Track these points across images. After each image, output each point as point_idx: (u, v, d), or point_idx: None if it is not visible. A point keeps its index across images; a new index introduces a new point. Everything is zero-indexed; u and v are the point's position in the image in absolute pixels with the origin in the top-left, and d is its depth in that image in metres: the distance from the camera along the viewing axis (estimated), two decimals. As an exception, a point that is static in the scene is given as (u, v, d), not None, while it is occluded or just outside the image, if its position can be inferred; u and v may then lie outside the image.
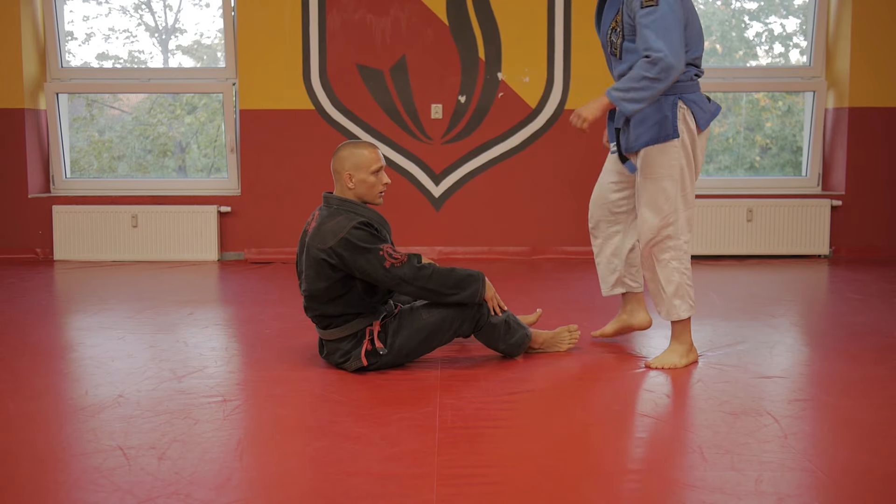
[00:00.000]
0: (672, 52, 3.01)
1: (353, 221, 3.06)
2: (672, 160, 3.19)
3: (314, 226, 3.14)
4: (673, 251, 3.24)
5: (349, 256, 3.02)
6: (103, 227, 6.15)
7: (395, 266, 3.02)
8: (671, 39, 3.02)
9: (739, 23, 6.78)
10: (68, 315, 4.45)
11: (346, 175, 3.14)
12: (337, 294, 3.10)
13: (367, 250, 3.01)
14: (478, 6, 6.09)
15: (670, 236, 3.24)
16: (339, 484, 2.17)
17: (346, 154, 3.16)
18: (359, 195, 3.16)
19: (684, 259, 3.27)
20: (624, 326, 3.66)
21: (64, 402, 2.87)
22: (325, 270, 3.07)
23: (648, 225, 3.24)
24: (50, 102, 6.26)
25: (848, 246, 6.25)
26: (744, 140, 6.80)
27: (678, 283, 3.26)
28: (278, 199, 6.18)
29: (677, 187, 3.21)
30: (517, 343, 3.32)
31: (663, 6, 3.04)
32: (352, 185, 3.14)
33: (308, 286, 3.14)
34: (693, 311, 3.29)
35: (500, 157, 6.19)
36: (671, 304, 3.27)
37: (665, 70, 3.01)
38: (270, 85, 6.13)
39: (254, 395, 2.97)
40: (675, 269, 3.25)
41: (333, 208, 3.15)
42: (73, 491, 2.14)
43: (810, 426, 2.63)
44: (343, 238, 3.02)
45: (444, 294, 3.08)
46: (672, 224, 3.22)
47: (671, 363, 3.27)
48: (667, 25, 3.02)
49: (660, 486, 2.17)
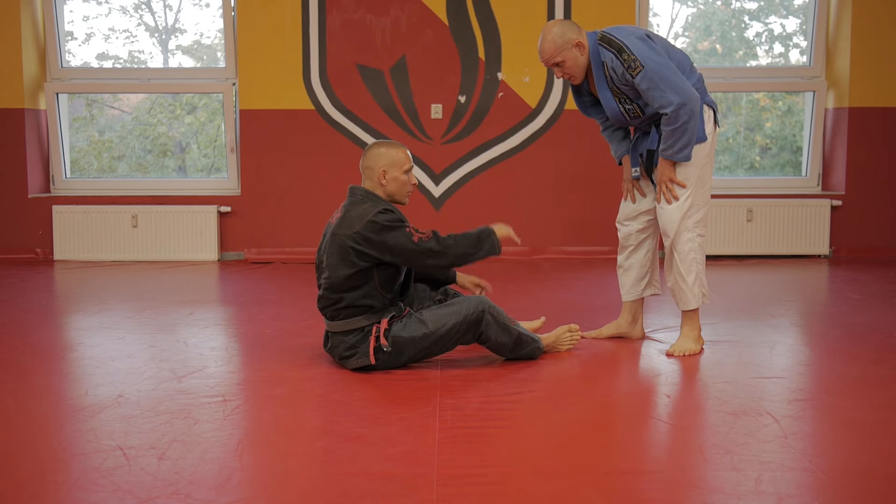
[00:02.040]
0: (680, 95, 3.24)
1: (378, 207, 3.15)
2: (696, 159, 3.39)
3: (339, 215, 3.21)
4: (691, 243, 3.44)
5: (377, 238, 3.09)
6: (103, 227, 6.15)
7: (423, 240, 3.12)
8: (673, 84, 3.23)
9: (739, 23, 6.78)
10: (68, 315, 4.45)
11: (380, 171, 3.21)
12: (355, 284, 3.14)
13: (394, 228, 3.11)
14: (478, 6, 6.09)
15: (689, 229, 3.43)
16: (339, 484, 2.17)
17: (381, 152, 3.24)
18: (389, 193, 3.25)
19: (700, 252, 3.48)
20: (620, 333, 3.75)
21: (64, 402, 2.87)
22: (349, 257, 3.11)
23: (670, 219, 3.42)
24: (50, 102, 6.26)
25: (848, 246, 6.26)
26: (744, 140, 6.80)
27: (696, 273, 3.46)
28: (278, 199, 6.18)
29: (698, 184, 3.42)
30: (528, 355, 3.36)
31: (648, 63, 3.25)
32: (384, 182, 3.22)
33: (330, 273, 3.17)
34: (706, 299, 3.52)
35: (500, 157, 6.19)
36: (692, 292, 3.46)
37: (686, 113, 3.26)
38: (270, 85, 6.13)
39: (254, 395, 2.97)
40: (694, 259, 3.45)
41: (359, 198, 3.22)
42: (73, 491, 2.14)
43: (810, 426, 2.63)
44: (370, 221, 3.10)
45: (471, 254, 3.19)
46: (690, 217, 3.42)
47: (690, 349, 3.46)
48: (662, 76, 3.25)
49: (660, 485, 2.17)
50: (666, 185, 3.41)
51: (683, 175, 3.40)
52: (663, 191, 3.42)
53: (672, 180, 3.40)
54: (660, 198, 3.45)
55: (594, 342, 3.67)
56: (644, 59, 3.24)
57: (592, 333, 3.75)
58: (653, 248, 3.69)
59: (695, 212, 3.43)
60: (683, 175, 3.40)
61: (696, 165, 3.40)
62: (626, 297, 3.72)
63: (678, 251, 3.45)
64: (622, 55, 3.26)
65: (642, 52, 3.25)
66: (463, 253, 3.18)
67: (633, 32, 3.33)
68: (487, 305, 3.18)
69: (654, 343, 3.66)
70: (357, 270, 3.12)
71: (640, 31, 3.34)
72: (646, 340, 3.70)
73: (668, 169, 3.40)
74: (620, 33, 3.32)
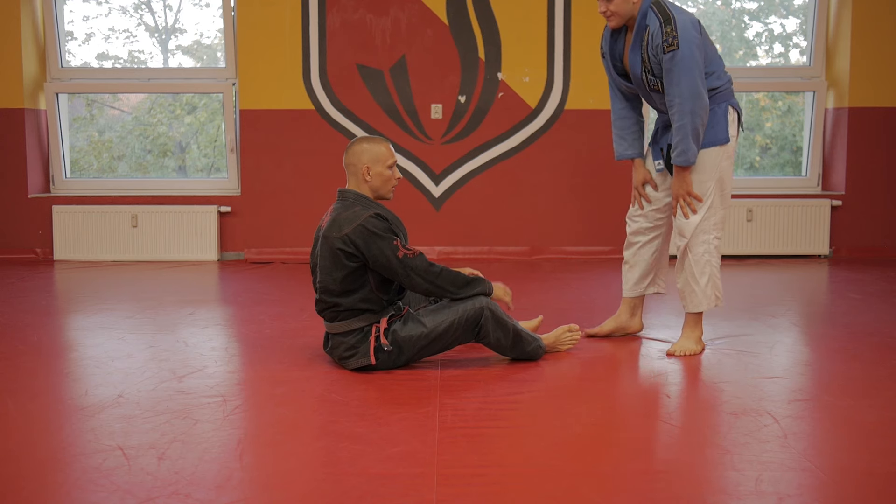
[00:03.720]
0: (691, 97, 3.24)
1: (369, 211, 3.13)
2: (718, 161, 3.40)
3: (329, 218, 3.19)
4: (706, 245, 3.43)
5: (364, 244, 3.08)
6: (103, 227, 6.15)
7: (408, 256, 3.10)
8: (691, 81, 3.23)
9: (739, 23, 6.78)
10: (68, 315, 4.45)
11: (364, 168, 3.20)
12: (350, 287, 3.13)
13: (382, 238, 3.09)
14: (478, 6, 6.09)
15: (706, 231, 3.42)
16: (339, 484, 2.17)
17: (364, 148, 3.22)
18: (374, 188, 3.23)
19: (715, 254, 3.46)
20: (620, 328, 3.75)
21: (64, 402, 2.87)
22: (340, 260, 3.11)
23: (688, 221, 3.42)
24: (50, 102, 6.26)
25: (848, 246, 6.26)
26: (744, 140, 6.80)
27: (710, 275, 3.44)
28: (278, 199, 6.18)
29: (718, 186, 3.41)
30: (530, 354, 3.35)
31: (684, 48, 3.21)
32: (369, 178, 3.21)
33: (323, 277, 3.17)
34: (720, 303, 3.50)
35: (500, 157, 6.19)
36: (704, 294, 3.45)
37: (687, 114, 3.26)
38: (270, 85, 6.13)
39: (254, 395, 2.97)
40: (708, 262, 3.44)
41: (349, 201, 3.21)
42: (73, 491, 2.14)
43: (810, 426, 2.63)
44: (359, 225, 3.08)
45: (452, 292, 3.17)
46: (708, 219, 3.41)
47: (691, 350, 3.45)
48: (687, 68, 3.23)
49: (660, 486, 2.17)
50: (684, 198, 3.40)
51: (701, 188, 3.39)
52: (681, 205, 3.42)
53: (690, 193, 3.39)
54: (676, 211, 3.45)
55: (594, 342, 3.67)
56: (683, 42, 3.20)
57: (594, 330, 3.75)
58: (661, 247, 3.68)
59: (712, 214, 3.42)
60: (701, 188, 3.39)
61: (715, 170, 3.38)
62: (627, 293, 3.72)
63: (692, 252, 3.43)
64: (667, 27, 3.23)
65: (686, 35, 3.21)
66: (443, 287, 3.16)
67: (689, 17, 3.28)
68: (486, 302, 3.18)
69: (655, 343, 3.66)
70: (350, 272, 3.11)
71: (695, 19, 3.30)
72: (646, 341, 3.70)
73: (684, 182, 3.39)
74: (675, 9, 3.29)
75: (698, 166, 3.38)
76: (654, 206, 3.61)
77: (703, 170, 3.39)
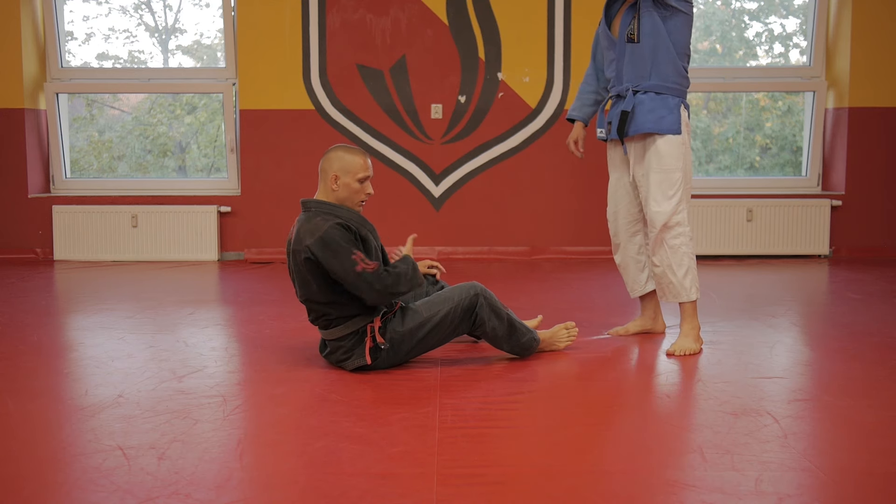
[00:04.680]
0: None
1: (329, 222, 3.06)
2: (680, 153, 3.45)
3: (294, 230, 3.16)
4: (682, 237, 3.47)
5: (322, 255, 3.03)
6: (103, 227, 6.15)
7: (366, 271, 3.02)
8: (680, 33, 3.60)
9: (739, 23, 6.78)
10: (68, 315, 4.45)
11: (332, 176, 3.14)
12: (330, 299, 3.11)
13: (340, 251, 3.02)
14: (478, 6, 6.09)
15: (679, 223, 3.47)
16: (339, 484, 2.17)
17: (337, 156, 3.16)
18: (340, 199, 3.16)
19: (690, 245, 3.50)
20: (645, 330, 3.79)
21: (64, 402, 2.87)
22: (311, 269, 3.08)
23: (660, 210, 3.45)
24: (50, 102, 6.26)
25: (848, 246, 6.26)
26: (744, 140, 6.80)
27: (688, 266, 3.48)
28: (278, 199, 6.18)
29: (683, 179, 3.47)
30: (525, 346, 3.33)
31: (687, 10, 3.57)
32: (335, 188, 3.14)
33: (301, 290, 3.16)
34: (699, 294, 3.52)
35: (500, 157, 6.19)
36: (682, 286, 3.48)
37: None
38: (270, 85, 6.13)
39: (254, 395, 2.97)
40: (686, 253, 3.48)
41: (311, 212, 3.15)
42: (73, 491, 2.14)
43: (810, 426, 2.63)
44: (319, 237, 3.03)
45: (396, 294, 3.09)
46: (680, 212, 3.46)
47: (690, 349, 3.45)
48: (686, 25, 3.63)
49: (660, 486, 2.17)
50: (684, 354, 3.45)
51: (670, 178, 3.44)
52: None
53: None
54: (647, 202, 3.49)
55: (593, 342, 3.67)
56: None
57: (619, 330, 3.78)
58: (643, 242, 3.71)
59: (683, 207, 3.47)
60: (670, 178, 3.44)
61: (680, 158, 3.44)
62: (632, 293, 3.78)
63: (669, 245, 3.47)
64: None
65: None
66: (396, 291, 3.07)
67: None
68: (480, 289, 3.17)
69: (654, 343, 3.66)
70: (325, 280, 3.08)
71: None
72: (646, 340, 3.70)
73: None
74: None
75: (661, 158, 3.43)
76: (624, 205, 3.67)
77: (671, 156, 3.43)
